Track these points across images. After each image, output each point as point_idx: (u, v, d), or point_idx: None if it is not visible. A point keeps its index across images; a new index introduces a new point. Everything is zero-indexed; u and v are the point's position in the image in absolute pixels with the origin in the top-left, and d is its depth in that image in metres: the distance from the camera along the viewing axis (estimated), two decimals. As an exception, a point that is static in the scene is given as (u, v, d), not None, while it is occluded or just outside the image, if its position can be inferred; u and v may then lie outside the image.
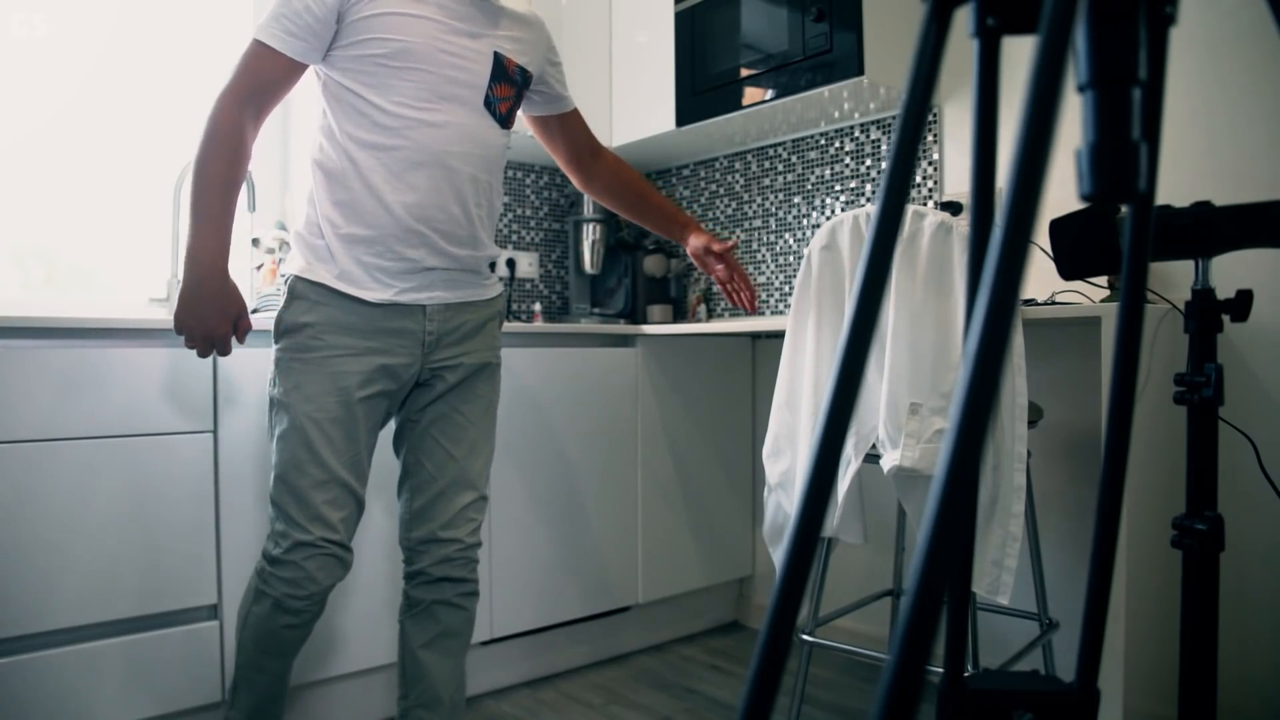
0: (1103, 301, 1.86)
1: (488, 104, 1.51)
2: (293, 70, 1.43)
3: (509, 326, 2.22)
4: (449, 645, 1.55)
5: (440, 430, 1.54)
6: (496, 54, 1.52)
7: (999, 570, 1.53)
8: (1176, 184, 1.87)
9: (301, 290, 1.44)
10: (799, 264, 2.47)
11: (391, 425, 1.60)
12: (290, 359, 1.43)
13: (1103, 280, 1.86)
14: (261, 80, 1.42)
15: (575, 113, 1.79)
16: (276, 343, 1.46)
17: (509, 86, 1.55)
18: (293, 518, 1.41)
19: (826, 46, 2.21)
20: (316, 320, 1.42)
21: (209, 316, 1.37)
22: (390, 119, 1.42)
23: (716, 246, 1.78)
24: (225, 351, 1.41)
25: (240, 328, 1.41)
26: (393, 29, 1.41)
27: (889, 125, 2.50)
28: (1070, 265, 1.36)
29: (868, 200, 2.53)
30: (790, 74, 2.30)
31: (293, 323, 1.43)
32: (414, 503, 1.55)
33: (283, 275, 1.49)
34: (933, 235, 1.58)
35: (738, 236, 1.77)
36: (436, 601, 1.54)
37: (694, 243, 1.82)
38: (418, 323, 1.48)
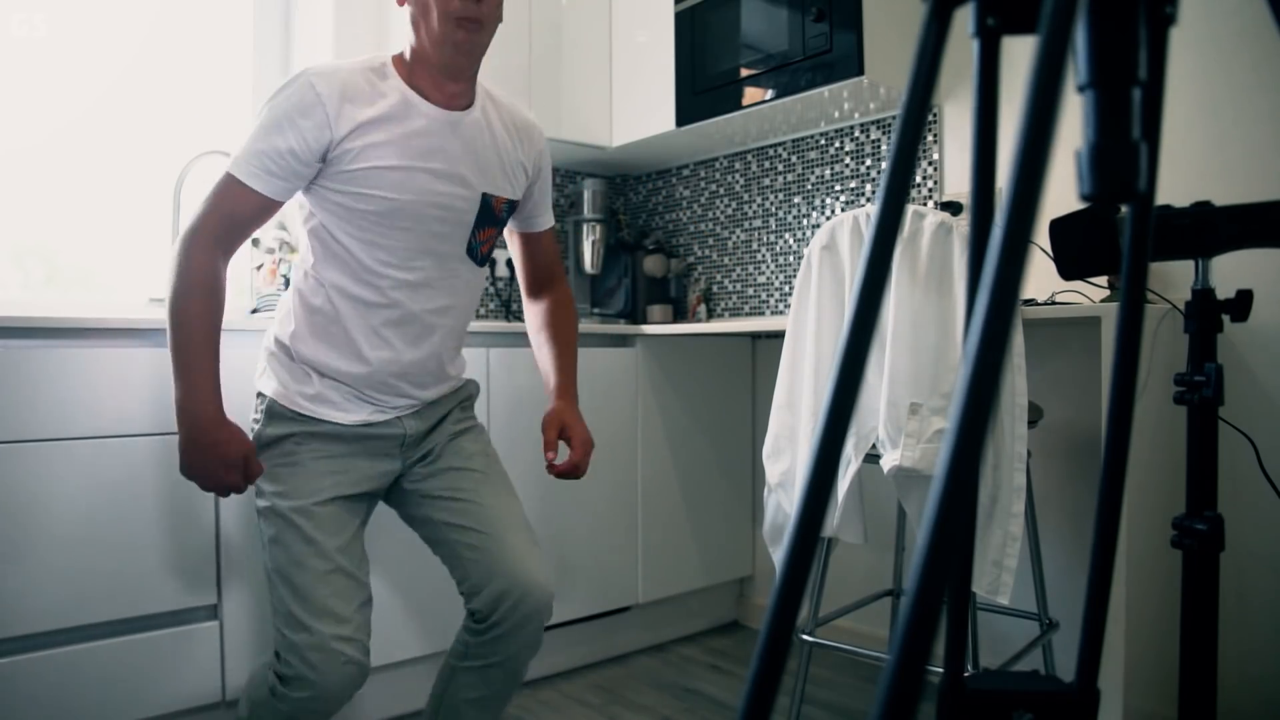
0: (1103, 301, 1.86)
1: (470, 251, 1.48)
2: (271, 207, 1.36)
3: (509, 326, 2.22)
4: (497, 705, 1.47)
5: (446, 496, 1.48)
6: (485, 195, 1.47)
7: (999, 570, 1.53)
8: (1176, 184, 1.87)
9: (278, 410, 1.41)
10: (799, 264, 2.47)
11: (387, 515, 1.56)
12: (273, 466, 1.39)
13: (1103, 280, 1.87)
14: (236, 217, 1.34)
15: (547, 233, 1.66)
16: (260, 454, 1.40)
17: (492, 227, 1.51)
18: (300, 620, 1.32)
19: (826, 46, 2.21)
20: (296, 431, 1.40)
21: (214, 469, 1.30)
22: (374, 277, 1.39)
23: (580, 439, 1.54)
24: (240, 491, 1.34)
25: (251, 472, 1.33)
26: (385, 186, 1.36)
27: (889, 125, 2.50)
28: (1070, 265, 1.36)
29: (868, 200, 2.53)
30: (790, 74, 2.30)
31: (272, 436, 1.40)
32: (468, 572, 1.44)
33: (259, 393, 1.45)
34: (933, 235, 1.58)
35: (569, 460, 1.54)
36: (506, 660, 1.43)
37: (558, 407, 1.57)
38: (395, 428, 1.46)
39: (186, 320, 1.30)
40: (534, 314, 1.69)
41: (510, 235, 1.66)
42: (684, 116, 2.58)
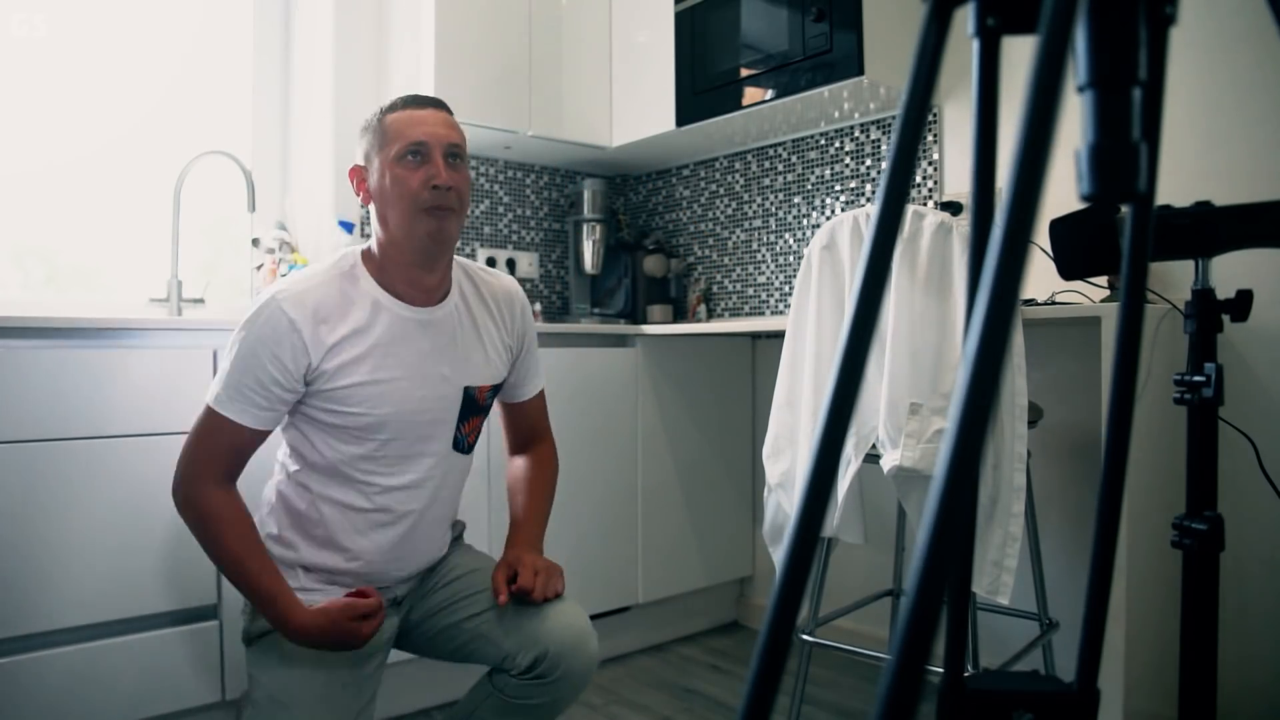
0: (1103, 301, 1.86)
1: (456, 444, 1.45)
2: (261, 435, 1.32)
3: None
4: None
5: (451, 602, 1.44)
6: (467, 389, 1.43)
7: (999, 570, 1.53)
8: (1176, 184, 1.86)
9: None
10: (799, 264, 2.47)
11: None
12: (265, 651, 1.34)
13: (1103, 280, 1.86)
14: (231, 451, 1.30)
15: (534, 399, 1.59)
16: (248, 646, 1.37)
17: (478, 417, 1.48)
18: None
19: (826, 46, 2.21)
20: None
21: (346, 640, 1.27)
22: (359, 484, 1.37)
23: (529, 567, 1.39)
24: (382, 621, 1.31)
25: (366, 608, 1.28)
26: (366, 402, 1.32)
27: (889, 125, 2.50)
28: (1070, 265, 1.36)
29: (868, 200, 2.53)
30: (790, 74, 2.30)
31: (263, 628, 1.35)
32: (500, 645, 1.39)
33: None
34: (933, 235, 1.58)
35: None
36: (545, 705, 1.38)
37: (509, 555, 1.44)
38: (387, 594, 1.43)
39: (238, 563, 1.27)
40: (513, 468, 1.59)
41: (496, 402, 1.58)
42: (684, 116, 2.58)
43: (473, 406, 1.45)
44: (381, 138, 1.35)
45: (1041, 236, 1.63)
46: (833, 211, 2.62)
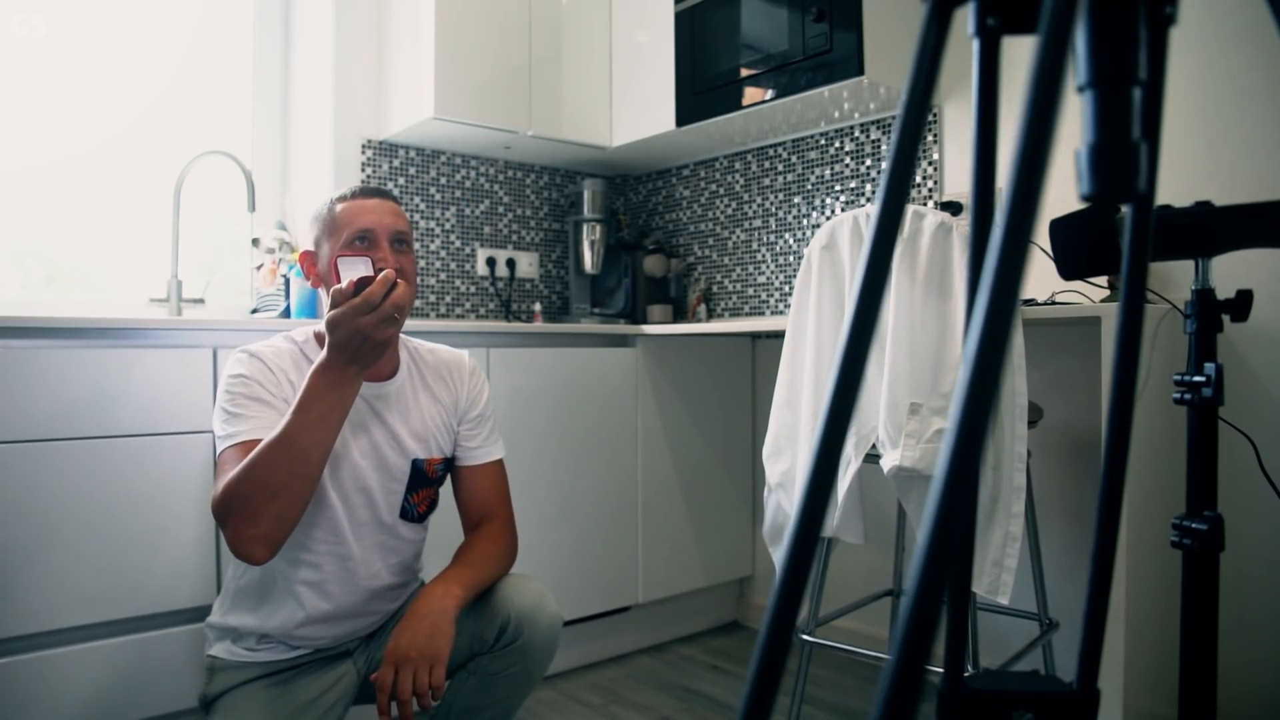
0: (1103, 301, 1.86)
1: (404, 514, 1.46)
2: None
3: (510, 326, 2.22)
4: (504, 712, 1.46)
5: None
6: (415, 463, 1.45)
7: (999, 570, 1.53)
8: (1176, 184, 1.87)
9: (222, 664, 1.40)
10: (799, 264, 2.47)
11: None
12: (222, 715, 1.34)
13: (1103, 280, 1.86)
14: None
15: (490, 468, 1.54)
16: (205, 710, 1.37)
17: (428, 488, 1.49)
18: None
19: (826, 46, 2.21)
20: (242, 680, 1.38)
21: (364, 330, 1.22)
22: (311, 554, 1.38)
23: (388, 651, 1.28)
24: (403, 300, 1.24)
25: (365, 303, 1.21)
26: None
27: (889, 125, 2.50)
28: (1070, 265, 1.36)
29: (868, 200, 2.53)
30: (790, 74, 2.30)
31: (219, 691, 1.37)
32: (469, 632, 1.41)
33: (207, 656, 1.42)
34: (933, 235, 1.58)
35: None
36: (514, 674, 1.41)
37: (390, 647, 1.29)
38: (342, 646, 1.46)
39: (262, 458, 1.20)
40: (466, 543, 1.50)
41: (450, 470, 1.55)
42: (684, 116, 2.58)
43: (421, 479, 1.48)
44: (331, 226, 1.42)
45: (1041, 236, 1.63)
46: (833, 211, 2.62)
